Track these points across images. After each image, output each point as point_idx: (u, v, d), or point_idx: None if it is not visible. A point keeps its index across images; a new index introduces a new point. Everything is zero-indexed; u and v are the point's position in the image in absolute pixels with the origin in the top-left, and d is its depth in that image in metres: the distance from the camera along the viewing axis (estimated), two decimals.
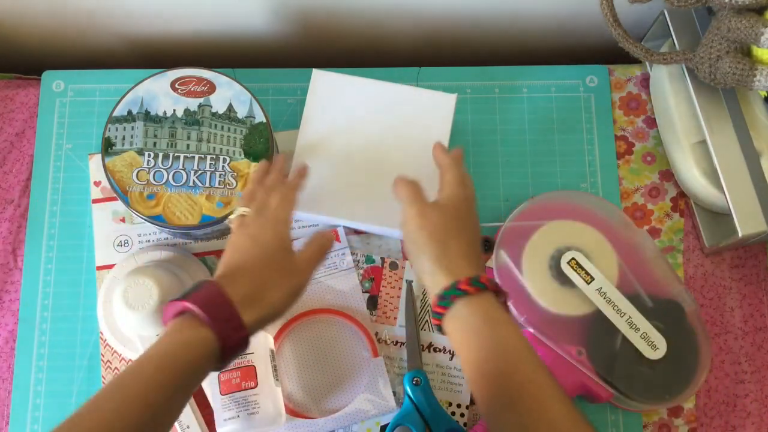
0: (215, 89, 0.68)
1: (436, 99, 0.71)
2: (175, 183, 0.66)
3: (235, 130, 0.68)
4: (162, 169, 0.67)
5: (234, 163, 0.67)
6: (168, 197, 0.66)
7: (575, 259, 0.68)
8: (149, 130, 0.67)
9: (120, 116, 0.68)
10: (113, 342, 0.69)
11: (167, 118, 0.68)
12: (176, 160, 0.67)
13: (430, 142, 0.67)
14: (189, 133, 0.67)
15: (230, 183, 0.67)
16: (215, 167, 0.67)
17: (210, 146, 0.67)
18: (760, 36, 0.60)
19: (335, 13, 0.81)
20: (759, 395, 0.71)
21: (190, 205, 0.66)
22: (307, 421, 0.68)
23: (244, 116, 0.68)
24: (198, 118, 0.68)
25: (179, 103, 0.68)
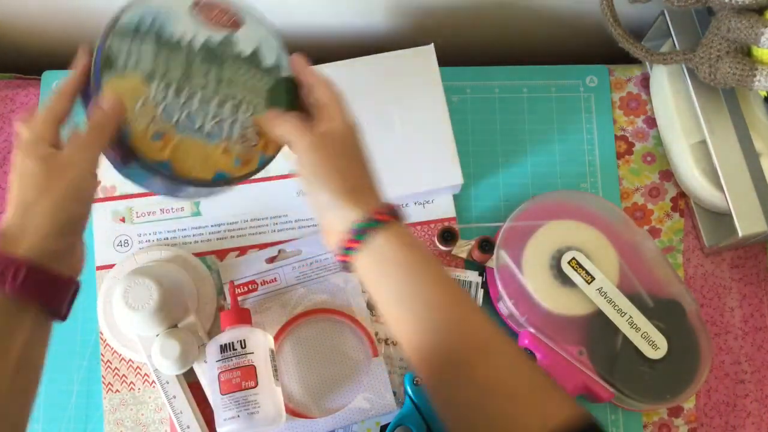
0: (242, 24, 0.57)
1: (416, 55, 0.72)
2: (188, 125, 0.53)
3: (260, 78, 0.56)
4: (173, 104, 0.53)
5: (257, 117, 0.56)
6: (179, 141, 0.53)
7: (576, 259, 0.68)
8: (161, 54, 0.53)
9: (126, 28, 0.53)
10: (113, 342, 0.69)
11: (184, 45, 0.54)
12: (191, 98, 0.53)
13: (426, 99, 0.68)
14: (208, 69, 0.54)
15: (251, 139, 0.55)
16: (236, 117, 0.55)
17: (230, 91, 0.55)
18: (760, 36, 0.60)
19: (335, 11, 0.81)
20: (759, 395, 0.71)
21: (203, 157, 0.53)
22: (307, 421, 0.68)
23: (271, 65, 0.57)
24: (220, 54, 0.55)
25: (200, 30, 0.55)
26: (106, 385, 0.70)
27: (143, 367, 0.70)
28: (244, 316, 0.68)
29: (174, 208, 0.74)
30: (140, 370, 0.70)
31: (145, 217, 0.74)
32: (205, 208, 0.74)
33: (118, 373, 0.70)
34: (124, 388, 0.70)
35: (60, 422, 0.69)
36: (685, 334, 0.67)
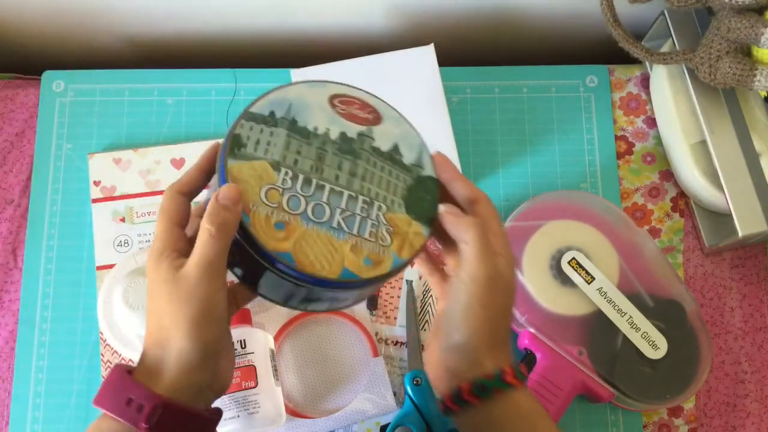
0: (381, 121, 0.53)
1: (416, 55, 0.72)
2: (314, 217, 0.48)
3: (398, 176, 0.51)
4: (300, 195, 0.49)
5: (391, 214, 0.50)
6: (303, 233, 0.47)
7: (576, 259, 0.68)
8: (292, 143, 0.50)
9: (259, 114, 0.51)
10: (113, 342, 0.69)
11: (318, 136, 0.51)
12: (320, 189, 0.49)
13: (426, 99, 0.68)
14: (341, 162, 0.50)
15: (383, 238, 0.49)
16: (368, 213, 0.50)
17: (364, 186, 0.50)
18: (760, 36, 0.60)
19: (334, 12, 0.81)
20: (759, 395, 0.71)
21: (330, 252, 0.48)
22: (307, 421, 0.68)
23: (411, 163, 0.52)
24: (355, 148, 0.51)
25: (335, 123, 0.52)
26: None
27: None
28: (244, 316, 0.68)
29: None
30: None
31: (145, 217, 0.74)
32: None
33: None
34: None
35: (60, 422, 0.69)
36: (685, 334, 0.67)
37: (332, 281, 0.47)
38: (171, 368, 0.44)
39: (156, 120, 0.78)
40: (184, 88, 0.78)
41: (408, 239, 0.50)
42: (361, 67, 0.72)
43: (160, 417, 0.43)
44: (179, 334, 0.44)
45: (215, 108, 0.78)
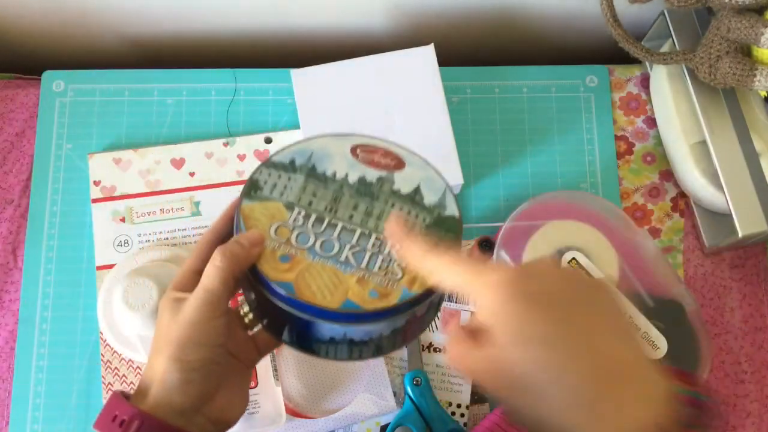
0: (403, 167, 0.53)
1: (416, 55, 0.72)
2: (322, 252, 0.49)
3: (417, 215, 0.51)
4: (310, 232, 0.49)
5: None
6: (307, 266, 0.48)
7: (576, 259, 0.68)
8: (309, 186, 0.51)
9: (279, 162, 0.52)
10: (113, 342, 0.69)
11: (335, 180, 0.52)
12: (331, 227, 0.50)
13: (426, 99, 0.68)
14: (357, 203, 0.51)
15: (394, 272, 0.48)
16: (380, 249, 0.49)
17: (379, 224, 0.50)
18: (760, 36, 0.60)
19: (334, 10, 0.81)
20: (759, 395, 0.71)
21: (334, 283, 0.47)
22: (307, 421, 0.68)
23: (432, 204, 0.52)
24: (374, 190, 0.52)
25: (355, 169, 0.53)
26: (106, 385, 0.70)
27: (143, 367, 0.70)
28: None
29: (174, 208, 0.74)
30: (140, 370, 0.70)
31: (145, 217, 0.74)
32: (205, 207, 0.74)
33: (118, 373, 0.70)
34: (123, 388, 0.70)
35: (60, 422, 0.69)
36: (685, 334, 0.67)
37: (333, 312, 0.46)
38: (154, 388, 0.46)
39: (156, 120, 0.78)
40: (184, 88, 0.79)
41: (420, 275, 0.47)
42: (361, 67, 0.72)
43: (138, 429, 0.44)
44: (163, 354, 0.46)
45: (215, 108, 0.78)
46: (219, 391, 0.48)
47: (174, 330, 0.46)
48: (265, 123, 0.78)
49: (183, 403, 0.46)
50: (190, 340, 0.46)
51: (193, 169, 0.75)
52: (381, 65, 0.72)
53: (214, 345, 0.47)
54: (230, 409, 0.49)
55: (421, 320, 0.51)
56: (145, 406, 0.46)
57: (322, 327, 0.48)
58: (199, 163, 0.75)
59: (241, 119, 0.78)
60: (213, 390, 0.48)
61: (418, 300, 0.47)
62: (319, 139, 0.54)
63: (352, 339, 0.49)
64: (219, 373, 0.48)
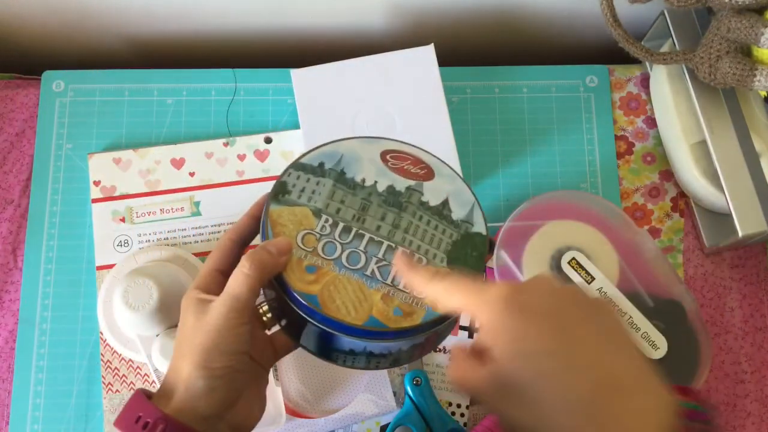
0: (433, 177, 0.53)
1: (416, 55, 0.72)
2: (348, 264, 0.48)
3: (443, 231, 0.51)
4: (337, 242, 0.49)
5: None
6: (333, 278, 0.48)
7: (576, 259, 0.68)
8: (337, 193, 0.51)
9: (308, 164, 0.52)
10: (113, 342, 0.69)
11: (364, 188, 0.51)
12: (358, 238, 0.49)
13: (426, 99, 0.69)
14: (385, 214, 0.51)
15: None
16: None
17: (406, 238, 0.50)
18: (760, 36, 0.60)
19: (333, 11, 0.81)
20: (759, 395, 0.71)
21: (359, 299, 0.47)
22: (307, 421, 0.68)
23: (460, 219, 0.51)
24: (402, 201, 0.51)
25: (384, 176, 0.52)
26: (106, 385, 0.70)
27: (143, 367, 0.70)
28: None
29: (174, 208, 0.74)
30: (140, 370, 0.70)
31: (145, 217, 0.74)
32: (205, 207, 0.74)
33: (118, 373, 0.70)
34: (124, 388, 0.70)
35: (60, 422, 0.69)
36: (685, 334, 0.67)
37: (356, 328, 0.46)
38: (179, 392, 0.46)
39: (156, 120, 0.78)
40: (184, 88, 0.79)
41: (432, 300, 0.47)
42: (361, 67, 0.72)
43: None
44: (189, 360, 0.46)
45: (215, 108, 0.78)
46: (240, 398, 0.48)
47: (199, 335, 0.46)
48: (265, 123, 0.78)
49: (207, 410, 0.46)
50: (215, 347, 0.46)
51: (193, 169, 0.75)
52: (381, 65, 0.72)
53: (239, 352, 0.47)
54: (250, 415, 0.50)
55: (440, 335, 0.51)
56: (169, 410, 0.45)
57: (343, 340, 0.48)
58: (199, 163, 0.75)
59: (241, 119, 0.78)
60: (235, 397, 0.48)
61: (441, 320, 0.47)
62: (348, 142, 0.53)
63: (371, 352, 0.49)
64: (242, 380, 0.48)
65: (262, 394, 0.51)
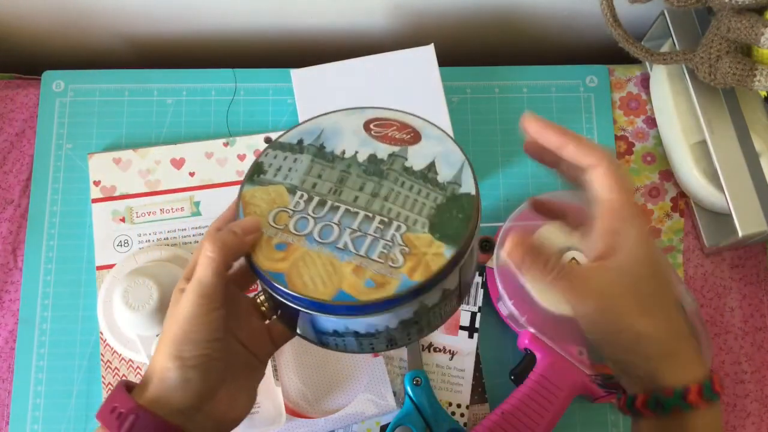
0: (419, 140, 0.50)
1: (416, 55, 0.72)
2: (319, 239, 0.46)
3: (427, 195, 0.47)
4: (310, 216, 0.47)
5: (409, 234, 0.46)
6: (303, 254, 0.45)
7: (576, 259, 0.68)
8: (315, 167, 0.49)
9: (286, 143, 0.50)
10: (113, 342, 0.69)
11: (343, 159, 0.49)
12: (333, 211, 0.47)
13: (426, 99, 0.68)
14: (364, 183, 0.48)
15: (395, 259, 0.45)
16: (382, 234, 0.46)
17: (385, 206, 0.47)
18: (760, 36, 0.60)
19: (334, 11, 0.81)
20: (759, 395, 0.71)
21: (328, 273, 0.45)
22: (307, 421, 0.68)
23: (446, 181, 0.48)
24: (383, 168, 0.49)
25: (366, 145, 0.50)
26: (106, 385, 0.70)
27: (143, 367, 0.70)
28: None
29: (174, 208, 0.74)
30: (140, 370, 0.70)
31: (145, 217, 0.74)
32: (205, 207, 0.74)
33: (118, 373, 0.70)
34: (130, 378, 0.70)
35: (60, 422, 0.69)
36: None
37: (325, 304, 0.44)
38: (153, 384, 0.45)
39: (156, 120, 0.78)
40: (184, 88, 0.79)
41: (424, 260, 0.44)
42: (361, 67, 0.72)
43: (134, 423, 0.44)
44: (162, 350, 0.45)
45: (215, 108, 0.78)
46: (222, 388, 0.47)
47: (171, 325, 0.45)
48: (265, 123, 0.78)
49: (182, 402, 0.45)
50: (185, 336, 0.45)
51: (193, 169, 0.75)
52: (381, 65, 0.72)
53: (211, 340, 0.45)
54: (234, 407, 0.48)
55: (437, 311, 0.48)
56: (144, 401, 0.45)
57: (321, 319, 0.46)
58: (199, 163, 0.75)
59: (241, 119, 0.78)
60: (214, 387, 0.47)
61: (420, 289, 0.44)
62: (331, 115, 0.51)
63: (356, 332, 0.46)
64: (220, 369, 0.47)
65: (251, 388, 0.50)
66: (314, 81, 0.72)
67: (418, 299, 0.45)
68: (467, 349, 0.70)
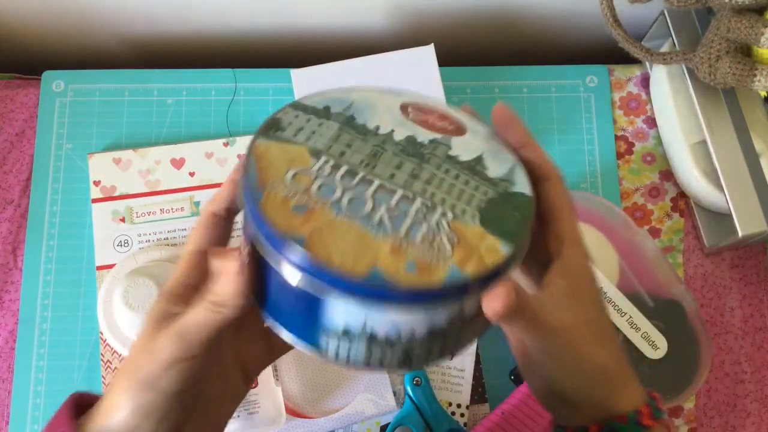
0: (464, 133, 0.43)
1: (416, 55, 0.72)
2: (348, 209, 0.37)
3: (476, 187, 0.40)
4: (337, 184, 0.38)
5: (458, 223, 0.37)
6: (328, 221, 0.36)
7: None
8: (344, 136, 0.41)
9: (309, 106, 0.42)
10: (113, 342, 0.69)
11: (377, 135, 0.41)
12: (366, 183, 0.38)
13: None
14: (402, 162, 0.40)
15: (442, 246, 0.36)
16: (426, 217, 0.37)
17: (428, 189, 0.39)
18: (760, 36, 0.60)
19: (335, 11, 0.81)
20: (759, 395, 0.71)
21: (360, 247, 0.35)
22: (307, 421, 0.68)
23: (498, 177, 0.41)
24: (424, 152, 0.41)
25: (403, 126, 0.42)
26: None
27: None
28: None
29: (174, 208, 0.74)
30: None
31: (145, 217, 0.74)
32: None
33: None
34: None
35: None
36: (685, 334, 0.67)
37: (354, 283, 0.34)
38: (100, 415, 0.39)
39: (156, 120, 0.78)
40: (184, 88, 0.79)
41: (478, 253, 0.36)
42: (361, 67, 0.72)
43: None
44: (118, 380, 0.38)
45: (215, 108, 0.78)
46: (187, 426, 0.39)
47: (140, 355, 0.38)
48: None
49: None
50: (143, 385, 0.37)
51: (193, 169, 0.75)
52: (381, 65, 0.72)
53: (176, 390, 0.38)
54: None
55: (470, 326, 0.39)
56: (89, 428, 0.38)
57: (336, 307, 0.35)
58: (199, 163, 0.75)
59: (241, 119, 0.78)
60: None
61: (470, 285, 0.35)
62: (360, 90, 0.44)
63: (373, 334, 0.36)
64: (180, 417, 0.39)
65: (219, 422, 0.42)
66: (314, 81, 0.72)
67: (462, 300, 0.36)
68: (467, 349, 0.70)
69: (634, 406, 0.40)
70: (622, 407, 0.40)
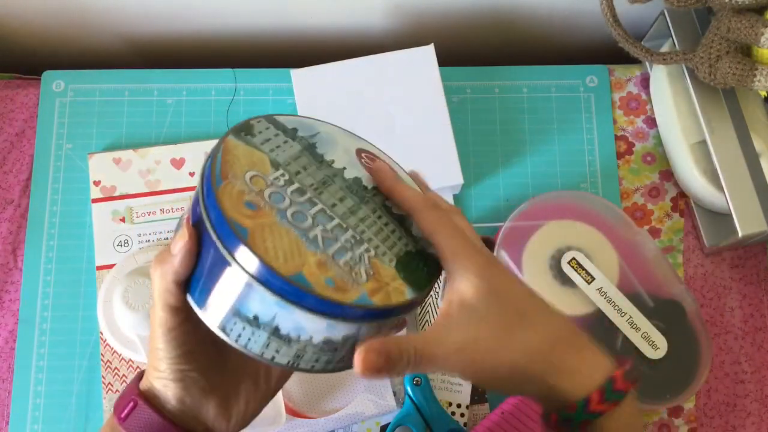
0: None
1: (416, 55, 0.72)
2: (291, 219, 0.42)
3: (400, 237, 0.45)
4: (287, 196, 0.43)
5: (377, 261, 0.43)
6: (271, 222, 0.41)
7: (576, 259, 0.68)
8: (303, 158, 0.46)
9: (280, 122, 0.47)
10: (113, 342, 0.69)
11: (331, 167, 0.46)
12: (310, 203, 0.43)
13: (426, 99, 0.69)
14: (345, 196, 0.45)
15: (360, 274, 0.42)
16: (352, 247, 0.43)
17: (360, 226, 0.44)
18: (760, 36, 0.60)
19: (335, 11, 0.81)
20: (759, 395, 0.71)
21: (293, 252, 0.40)
22: (307, 421, 0.68)
23: (420, 236, 0.46)
24: (365, 195, 0.46)
25: (354, 168, 0.47)
26: (106, 385, 0.70)
27: (143, 367, 0.70)
28: None
29: (174, 208, 0.74)
30: (140, 370, 0.70)
31: (145, 217, 0.74)
32: None
33: (118, 373, 0.70)
34: (124, 388, 0.70)
35: (60, 422, 0.69)
36: (685, 334, 0.67)
37: (279, 277, 0.39)
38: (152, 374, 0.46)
39: (156, 120, 0.78)
40: (184, 88, 0.79)
41: (386, 289, 0.42)
42: (361, 67, 0.72)
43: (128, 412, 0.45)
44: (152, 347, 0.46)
45: (215, 108, 0.78)
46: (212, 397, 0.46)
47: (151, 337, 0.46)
48: None
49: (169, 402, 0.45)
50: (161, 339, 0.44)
51: (193, 169, 0.75)
52: (381, 65, 0.72)
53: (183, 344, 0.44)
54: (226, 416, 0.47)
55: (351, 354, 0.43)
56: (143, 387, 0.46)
57: (255, 294, 0.40)
58: (199, 163, 0.75)
59: (241, 119, 0.77)
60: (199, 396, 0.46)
61: (374, 314, 0.41)
62: (328, 126, 0.49)
63: (278, 328, 0.41)
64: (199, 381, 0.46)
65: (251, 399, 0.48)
66: (314, 81, 0.72)
67: (362, 323, 0.41)
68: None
69: (586, 391, 0.41)
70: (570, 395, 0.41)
